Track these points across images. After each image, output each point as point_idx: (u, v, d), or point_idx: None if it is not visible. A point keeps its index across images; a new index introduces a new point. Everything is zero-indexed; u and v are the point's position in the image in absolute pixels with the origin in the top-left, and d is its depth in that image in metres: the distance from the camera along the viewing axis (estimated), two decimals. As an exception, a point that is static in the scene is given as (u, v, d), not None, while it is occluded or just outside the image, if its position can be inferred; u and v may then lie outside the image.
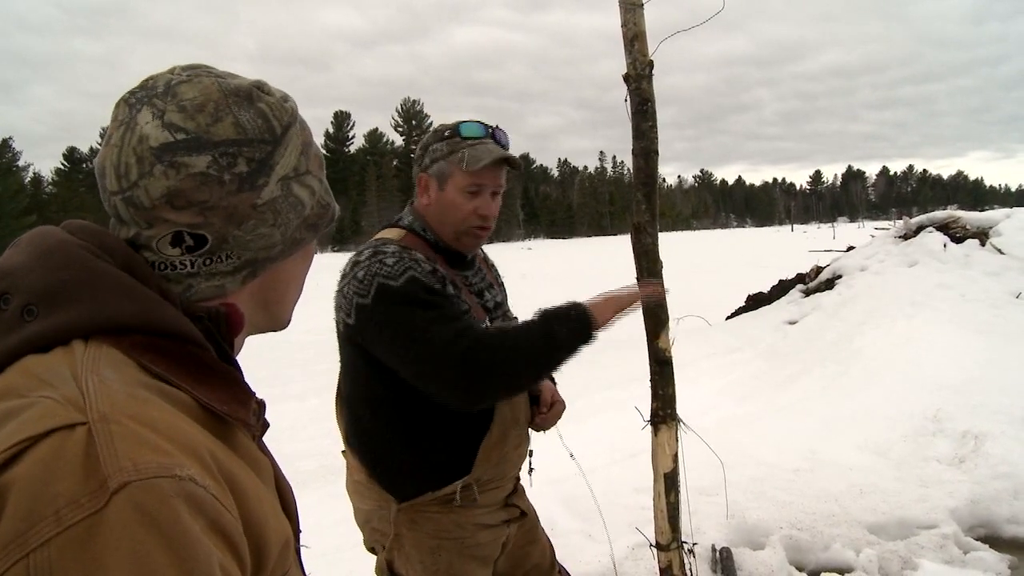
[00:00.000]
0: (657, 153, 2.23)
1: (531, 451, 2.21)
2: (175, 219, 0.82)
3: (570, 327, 1.87)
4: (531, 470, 2.24)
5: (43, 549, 0.58)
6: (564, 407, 2.24)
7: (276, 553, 0.78)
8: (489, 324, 2.03)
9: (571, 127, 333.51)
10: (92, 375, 0.69)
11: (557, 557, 2.36)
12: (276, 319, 0.99)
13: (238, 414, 0.81)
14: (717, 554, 3.65)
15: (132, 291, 0.77)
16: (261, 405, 0.89)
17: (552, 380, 2.26)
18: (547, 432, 2.24)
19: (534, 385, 2.10)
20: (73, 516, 0.59)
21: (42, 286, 0.74)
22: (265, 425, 0.92)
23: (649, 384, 2.35)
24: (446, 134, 2.02)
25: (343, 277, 1.93)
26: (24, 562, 0.57)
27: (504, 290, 2.28)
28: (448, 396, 1.81)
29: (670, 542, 2.37)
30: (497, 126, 2.05)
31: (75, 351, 0.72)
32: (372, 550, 2.10)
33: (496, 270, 2.33)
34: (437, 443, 1.95)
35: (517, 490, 2.20)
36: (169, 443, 0.67)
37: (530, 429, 2.18)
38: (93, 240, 0.80)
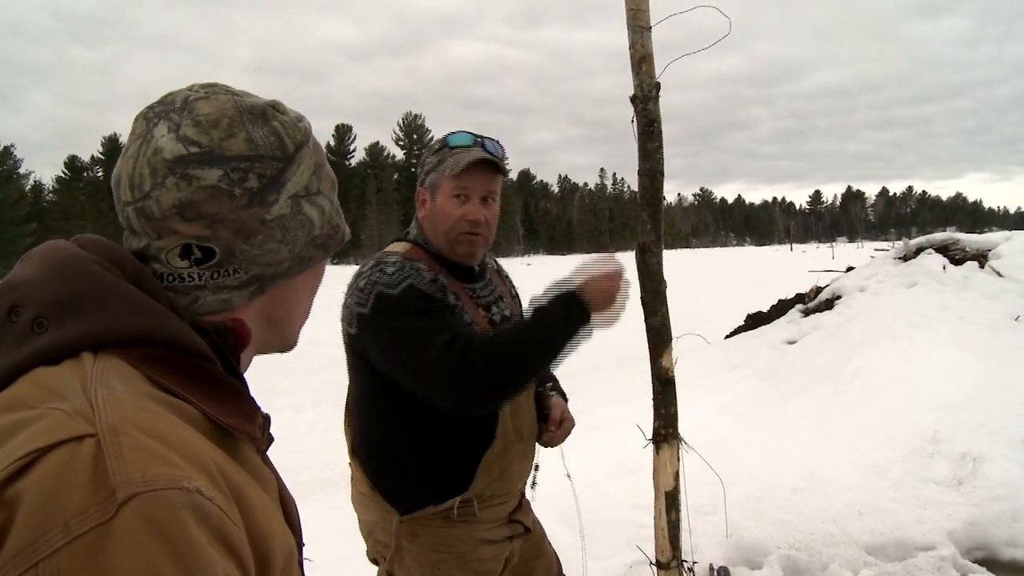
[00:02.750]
0: (663, 174, 2.23)
1: (536, 465, 2.21)
2: (184, 231, 0.83)
3: (567, 324, 1.85)
4: (534, 484, 2.24)
5: (52, 559, 0.58)
6: (573, 425, 2.24)
7: (280, 566, 0.78)
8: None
9: (568, 143, 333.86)
10: (101, 387, 0.70)
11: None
12: (283, 338, 1.00)
13: (244, 428, 0.82)
14: (715, 573, 3.64)
15: (141, 304, 0.78)
16: (266, 419, 0.90)
17: (564, 397, 2.27)
18: (553, 448, 2.24)
19: (534, 383, 2.08)
20: (82, 526, 0.59)
21: (52, 299, 0.75)
22: (270, 439, 0.92)
23: (650, 401, 2.35)
24: (436, 147, 2.05)
25: (348, 288, 1.96)
26: (33, 571, 0.58)
27: (519, 302, 2.29)
28: (447, 404, 1.82)
29: (670, 560, 2.36)
30: (494, 140, 2.07)
31: (85, 363, 0.73)
32: (375, 561, 2.10)
33: (511, 281, 2.33)
34: (439, 456, 1.96)
35: (522, 506, 2.19)
36: (177, 455, 0.67)
37: (538, 444, 2.18)
38: (103, 254, 0.81)
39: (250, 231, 0.86)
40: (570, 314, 1.86)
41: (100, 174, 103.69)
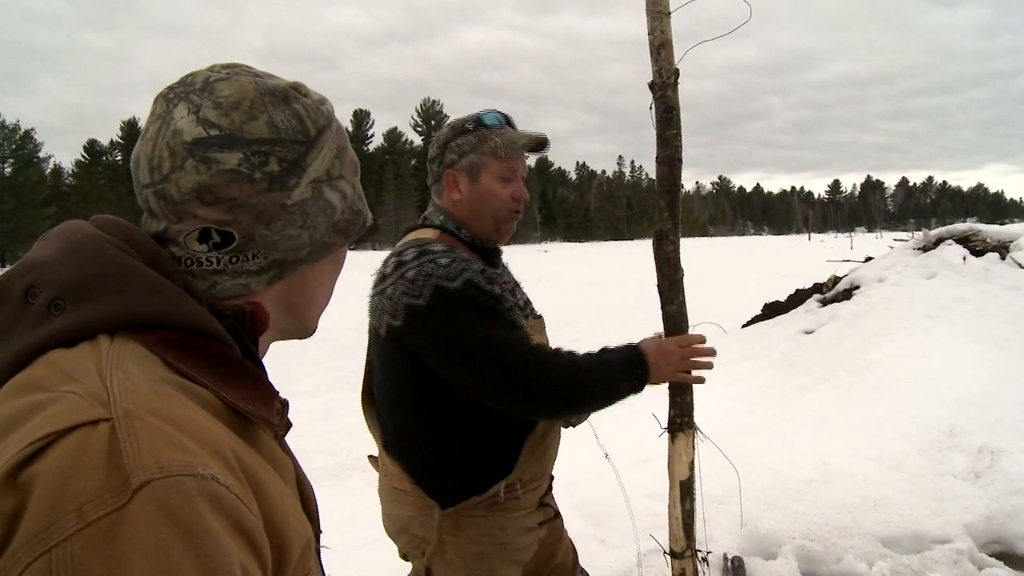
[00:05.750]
0: (681, 161, 2.21)
1: None
2: (203, 215, 0.82)
3: (630, 384, 1.93)
4: None
5: (65, 545, 0.58)
6: None
7: (297, 554, 0.78)
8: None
9: (582, 130, 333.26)
10: (117, 370, 0.69)
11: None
12: (302, 324, 0.98)
13: (261, 413, 0.81)
14: (729, 563, 3.63)
15: (158, 287, 0.77)
16: (284, 404, 0.89)
17: None
18: (576, 428, 2.24)
19: (572, 416, 2.12)
20: (95, 512, 0.59)
21: (69, 280, 0.75)
22: (288, 425, 0.92)
23: (666, 390, 2.33)
24: (469, 127, 2.00)
25: (384, 278, 1.89)
26: (46, 557, 0.57)
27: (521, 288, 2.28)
28: (512, 402, 1.83)
29: (684, 550, 2.35)
30: (508, 115, 2.07)
31: (101, 346, 0.72)
32: (405, 557, 2.06)
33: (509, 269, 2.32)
34: (484, 444, 1.94)
35: (550, 489, 2.18)
36: (192, 441, 0.67)
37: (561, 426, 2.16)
38: (121, 235, 0.81)
39: (270, 216, 0.85)
40: (632, 375, 1.93)
41: (119, 158, 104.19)
